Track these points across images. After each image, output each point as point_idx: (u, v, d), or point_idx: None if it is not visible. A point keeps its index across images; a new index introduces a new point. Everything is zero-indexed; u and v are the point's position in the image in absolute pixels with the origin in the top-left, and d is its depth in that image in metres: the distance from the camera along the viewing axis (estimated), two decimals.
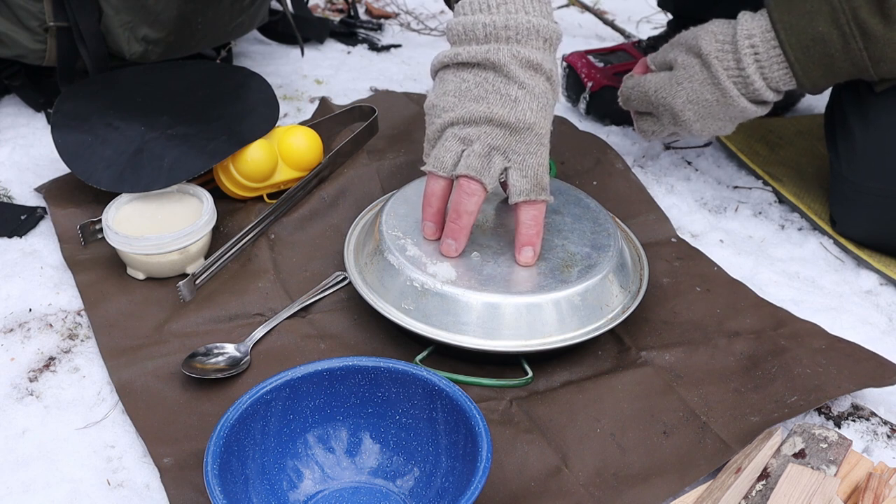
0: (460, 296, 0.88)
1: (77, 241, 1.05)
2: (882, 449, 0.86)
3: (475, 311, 0.87)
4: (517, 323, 0.87)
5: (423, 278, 0.89)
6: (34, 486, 0.79)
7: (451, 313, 0.88)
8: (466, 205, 0.89)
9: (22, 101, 1.32)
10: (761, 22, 1.00)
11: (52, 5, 1.19)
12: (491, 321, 0.87)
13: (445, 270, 0.89)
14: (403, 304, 0.89)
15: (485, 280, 0.89)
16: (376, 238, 0.94)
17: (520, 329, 0.87)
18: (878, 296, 1.05)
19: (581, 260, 0.92)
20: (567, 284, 0.89)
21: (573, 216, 0.98)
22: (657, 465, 0.82)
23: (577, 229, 0.96)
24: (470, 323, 0.87)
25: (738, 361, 0.92)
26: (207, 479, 0.70)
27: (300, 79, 1.48)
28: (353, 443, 0.81)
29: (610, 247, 0.94)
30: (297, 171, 1.12)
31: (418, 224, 0.94)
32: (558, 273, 0.90)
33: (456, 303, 0.88)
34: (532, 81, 0.87)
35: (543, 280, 0.89)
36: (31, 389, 0.88)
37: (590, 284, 0.90)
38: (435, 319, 0.88)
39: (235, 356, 0.91)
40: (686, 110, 1.06)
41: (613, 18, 1.77)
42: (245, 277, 1.01)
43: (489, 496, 0.78)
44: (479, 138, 0.87)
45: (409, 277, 0.89)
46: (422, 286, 0.88)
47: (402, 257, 0.90)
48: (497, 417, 0.86)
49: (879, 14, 0.92)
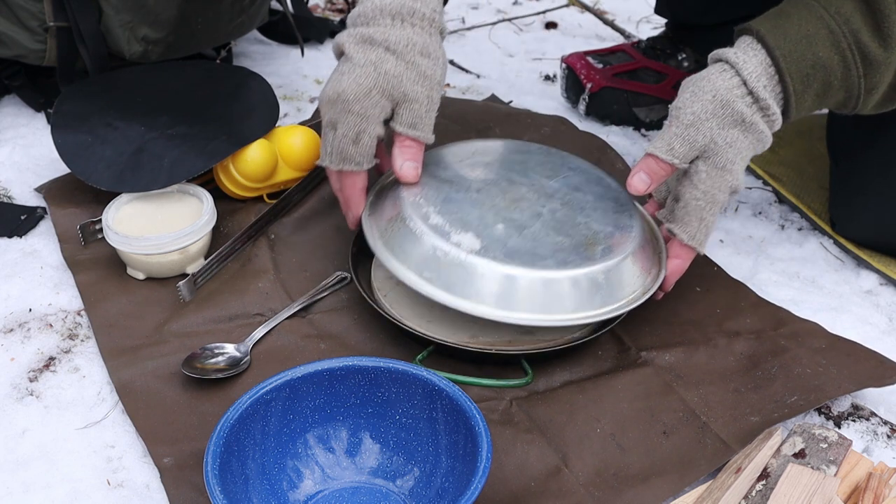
0: (484, 267, 0.86)
1: (77, 241, 1.04)
2: (882, 449, 0.86)
3: (497, 282, 0.85)
4: (539, 298, 0.86)
5: (446, 247, 0.87)
6: (34, 487, 0.79)
7: (472, 284, 0.86)
8: (350, 195, 0.93)
9: (22, 101, 1.32)
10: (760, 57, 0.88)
11: (52, 5, 1.19)
12: (511, 294, 0.85)
13: (469, 240, 0.87)
14: (425, 273, 0.87)
15: (509, 252, 0.87)
16: (397, 206, 0.92)
17: (536, 304, 0.86)
18: (878, 296, 1.05)
19: (604, 238, 0.90)
20: (591, 261, 0.88)
21: (595, 195, 0.96)
22: (657, 465, 0.82)
23: (599, 208, 0.94)
24: (492, 294, 0.85)
25: (738, 361, 0.92)
26: (207, 479, 0.70)
27: (300, 79, 1.48)
28: (353, 443, 0.81)
29: (633, 227, 0.93)
30: (297, 171, 1.12)
31: (440, 192, 0.92)
32: (582, 250, 0.89)
33: (479, 273, 0.85)
34: (360, 55, 0.88)
35: (567, 256, 0.88)
36: (31, 389, 0.88)
37: (613, 263, 0.88)
38: (457, 289, 0.86)
39: (235, 356, 0.91)
40: (740, 175, 0.91)
41: (613, 18, 1.77)
42: (245, 277, 1.01)
43: (489, 496, 0.78)
44: (327, 119, 0.91)
45: (432, 246, 0.87)
46: (445, 255, 0.87)
47: (424, 225, 0.88)
48: (497, 417, 0.86)
49: (878, 37, 0.87)
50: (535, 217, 0.91)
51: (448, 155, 0.98)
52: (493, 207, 0.91)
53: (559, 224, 0.91)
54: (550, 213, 0.92)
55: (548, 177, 0.97)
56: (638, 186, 0.90)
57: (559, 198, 0.94)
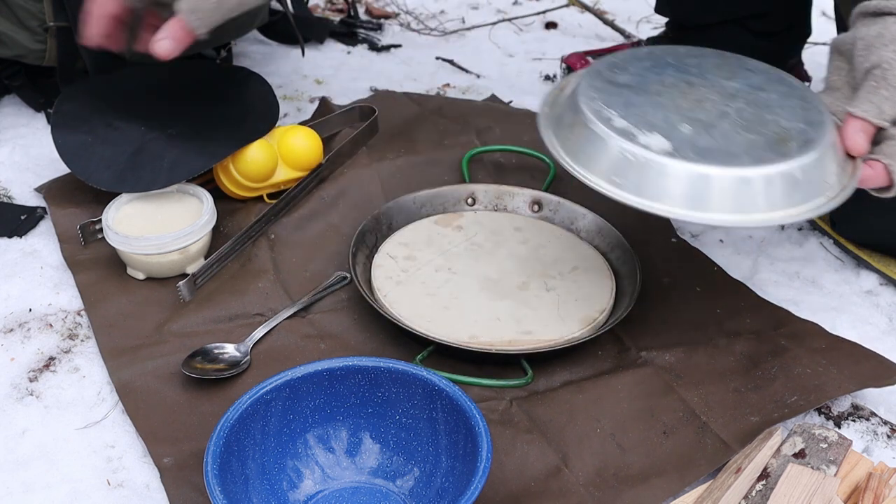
0: (676, 167, 0.81)
1: (77, 241, 1.04)
2: (882, 449, 0.86)
3: (690, 183, 0.81)
4: (734, 197, 0.82)
5: (635, 149, 0.82)
6: (34, 487, 0.79)
7: (664, 186, 0.81)
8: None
9: (22, 101, 1.32)
10: None
11: (52, 5, 1.19)
12: (705, 195, 0.81)
13: (658, 141, 0.83)
14: (613, 178, 0.83)
15: (701, 152, 0.82)
16: (577, 112, 0.87)
17: (731, 204, 0.82)
18: (878, 296, 1.05)
19: (797, 135, 0.85)
20: (787, 158, 0.83)
21: (779, 93, 0.91)
22: (657, 465, 0.82)
23: (786, 106, 0.89)
24: (684, 195, 0.81)
25: (738, 361, 0.92)
26: (207, 479, 0.70)
27: (300, 79, 1.48)
28: (353, 443, 0.81)
29: (824, 123, 0.87)
30: (297, 171, 1.12)
31: (619, 96, 0.88)
32: (775, 146, 0.84)
33: (671, 174, 0.81)
34: None
35: (762, 153, 0.83)
36: (31, 389, 0.88)
37: (810, 159, 0.83)
38: (648, 192, 0.82)
39: (235, 356, 0.91)
40: None
41: (613, 18, 1.77)
42: (245, 277, 1.01)
43: (489, 496, 0.78)
44: None
45: (619, 149, 0.83)
46: (634, 157, 0.82)
47: (609, 129, 0.84)
48: (497, 417, 0.86)
49: None
50: (721, 116, 0.87)
51: (618, 61, 0.94)
52: (676, 109, 0.87)
53: (747, 122, 0.87)
54: (736, 112, 0.88)
55: (726, 78, 0.93)
56: (862, 145, 0.86)
57: (742, 97, 0.90)
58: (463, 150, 1.21)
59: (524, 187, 1.12)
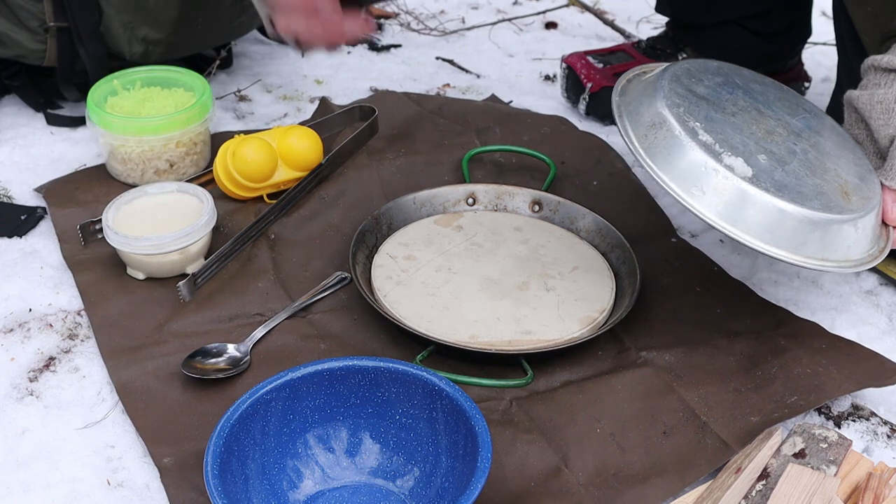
0: (757, 196, 0.82)
1: (77, 241, 1.04)
2: (882, 449, 0.86)
3: (767, 214, 0.83)
4: (802, 238, 0.83)
5: (720, 168, 0.83)
6: (34, 486, 0.79)
7: (742, 211, 0.83)
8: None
9: (22, 101, 1.32)
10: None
11: (52, 5, 1.19)
12: (778, 229, 0.83)
13: (741, 166, 0.84)
14: (693, 189, 0.84)
15: (778, 186, 0.84)
16: (660, 113, 0.88)
17: (798, 244, 0.84)
18: (878, 296, 1.05)
19: (854, 189, 0.88)
20: (850, 211, 0.85)
21: (834, 143, 0.93)
22: (657, 465, 0.82)
23: (842, 157, 0.91)
24: (758, 225, 0.83)
25: (738, 361, 0.92)
26: (207, 479, 0.70)
27: (300, 79, 1.48)
28: (353, 443, 0.81)
29: (874, 182, 0.90)
30: (296, 171, 1.12)
31: (700, 108, 0.89)
32: (839, 197, 0.86)
33: (751, 202, 0.83)
34: None
35: (830, 201, 0.85)
36: (31, 389, 0.88)
37: (866, 216, 0.86)
38: (725, 213, 0.83)
39: (235, 356, 0.91)
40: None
41: (613, 18, 1.77)
42: (245, 277, 1.01)
43: (489, 496, 0.78)
44: None
45: (704, 163, 0.84)
46: (716, 175, 0.83)
47: (694, 141, 0.85)
48: (497, 417, 0.86)
49: None
50: (790, 154, 0.88)
51: (693, 70, 0.95)
52: (751, 135, 0.88)
53: (812, 166, 0.88)
54: (803, 152, 0.89)
55: (789, 114, 0.94)
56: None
57: (805, 138, 0.91)
58: (463, 150, 1.21)
59: (524, 187, 1.12)
